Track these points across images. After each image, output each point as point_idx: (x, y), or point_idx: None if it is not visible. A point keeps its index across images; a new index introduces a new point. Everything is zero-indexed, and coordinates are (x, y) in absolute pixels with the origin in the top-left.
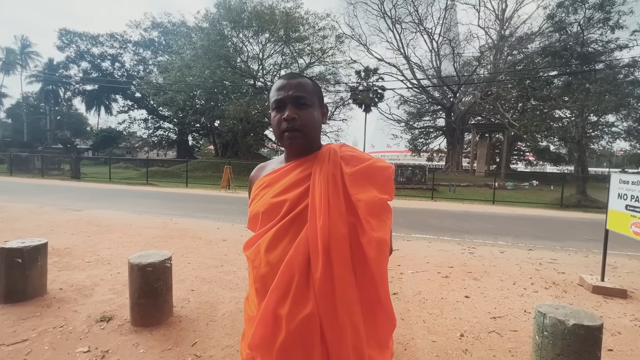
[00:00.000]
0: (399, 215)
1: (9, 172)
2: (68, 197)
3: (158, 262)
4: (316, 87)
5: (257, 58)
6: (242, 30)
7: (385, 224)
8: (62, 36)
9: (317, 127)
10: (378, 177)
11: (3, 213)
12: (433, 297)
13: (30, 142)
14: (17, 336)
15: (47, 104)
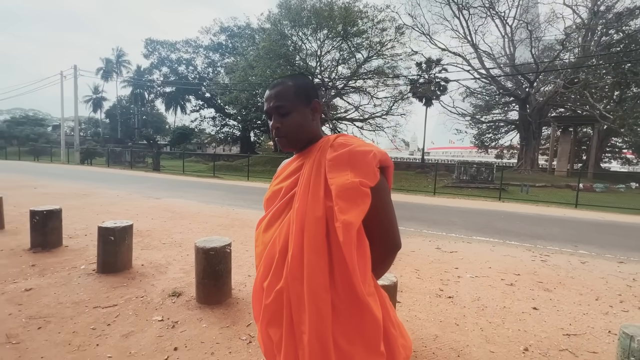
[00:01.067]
0: (457, 216)
1: (106, 164)
2: (150, 186)
3: (219, 247)
4: (301, 86)
5: (315, 55)
6: (301, 29)
7: (356, 208)
8: (147, 45)
9: (302, 128)
10: (357, 161)
11: (102, 198)
12: (494, 305)
13: (123, 139)
14: (109, 301)
15: (136, 105)
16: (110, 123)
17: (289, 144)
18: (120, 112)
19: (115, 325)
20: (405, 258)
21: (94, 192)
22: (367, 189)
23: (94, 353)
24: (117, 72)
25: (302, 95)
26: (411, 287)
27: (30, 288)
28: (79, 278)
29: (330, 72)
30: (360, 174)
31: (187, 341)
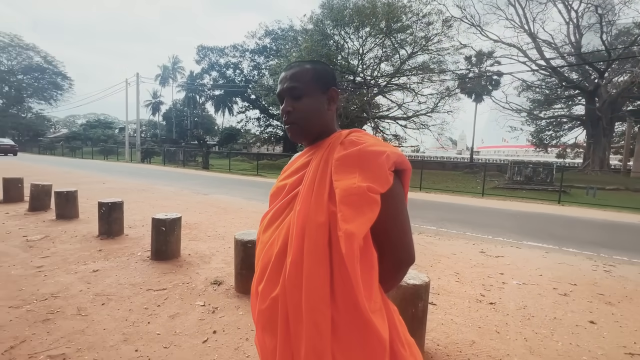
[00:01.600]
0: (507, 219)
1: (163, 163)
2: (199, 183)
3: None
4: (319, 71)
5: (357, 53)
6: (343, 28)
7: (361, 216)
8: (199, 52)
9: (316, 116)
10: (367, 162)
11: (157, 193)
12: (542, 315)
13: (177, 139)
14: (160, 285)
15: (188, 108)
16: (166, 125)
17: (300, 132)
18: (175, 115)
19: (164, 306)
20: (444, 260)
21: (151, 188)
22: (375, 195)
23: (146, 329)
24: (173, 77)
25: (320, 80)
26: (449, 290)
27: (97, 269)
28: (136, 263)
29: (372, 70)
30: (369, 178)
31: (225, 326)
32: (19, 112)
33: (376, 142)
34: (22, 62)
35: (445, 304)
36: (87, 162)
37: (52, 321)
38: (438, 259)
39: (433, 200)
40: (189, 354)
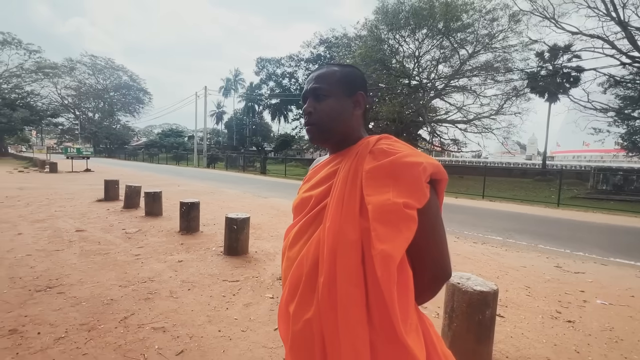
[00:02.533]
0: (589, 232)
1: (225, 168)
2: (259, 187)
3: None
4: (346, 74)
5: (413, 56)
6: (398, 31)
7: (398, 235)
8: (258, 63)
9: (338, 118)
10: (402, 175)
11: (224, 196)
12: (634, 340)
13: (237, 146)
14: (233, 277)
15: (247, 116)
16: (227, 133)
17: (320, 134)
18: (235, 123)
19: (239, 296)
20: (512, 273)
21: (218, 191)
22: (412, 211)
23: (225, 314)
24: (234, 89)
25: (346, 83)
26: (519, 303)
27: (181, 260)
28: (212, 257)
29: (429, 73)
30: (405, 193)
31: None
32: (110, 124)
33: (411, 151)
34: (113, 81)
35: (515, 317)
36: (163, 167)
37: (152, 300)
38: (505, 270)
39: (498, 209)
40: (264, 338)
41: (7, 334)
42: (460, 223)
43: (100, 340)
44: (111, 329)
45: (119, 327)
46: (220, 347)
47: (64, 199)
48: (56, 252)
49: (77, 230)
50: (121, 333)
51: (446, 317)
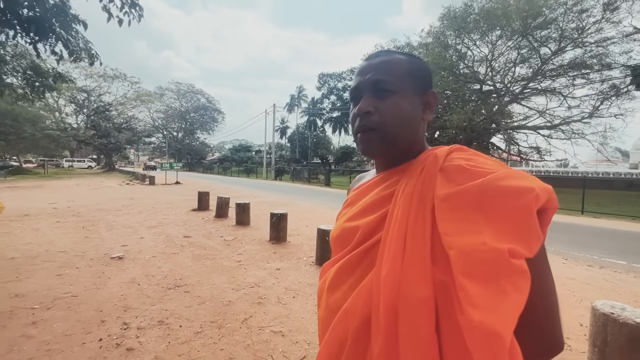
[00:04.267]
0: None
1: (291, 180)
2: (327, 199)
3: None
4: (415, 66)
5: (485, 60)
6: (467, 35)
7: (504, 300)
8: (320, 79)
9: (407, 124)
10: (500, 207)
11: (298, 207)
12: None
13: (299, 159)
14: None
15: (309, 130)
16: (290, 146)
17: (383, 143)
18: (297, 137)
19: None
20: None
21: (292, 202)
22: (522, 262)
23: None
24: (298, 105)
25: (417, 77)
26: None
27: (279, 268)
28: (305, 266)
29: (503, 76)
30: (508, 234)
31: None
32: (191, 142)
33: (506, 170)
34: (193, 103)
35: None
36: (235, 179)
37: (264, 304)
38: (638, 299)
39: (605, 227)
40: None
41: (157, 324)
42: (565, 243)
43: (230, 337)
44: (236, 329)
45: (242, 328)
46: None
47: (165, 208)
48: (174, 255)
49: (184, 236)
50: (246, 333)
51: (595, 351)
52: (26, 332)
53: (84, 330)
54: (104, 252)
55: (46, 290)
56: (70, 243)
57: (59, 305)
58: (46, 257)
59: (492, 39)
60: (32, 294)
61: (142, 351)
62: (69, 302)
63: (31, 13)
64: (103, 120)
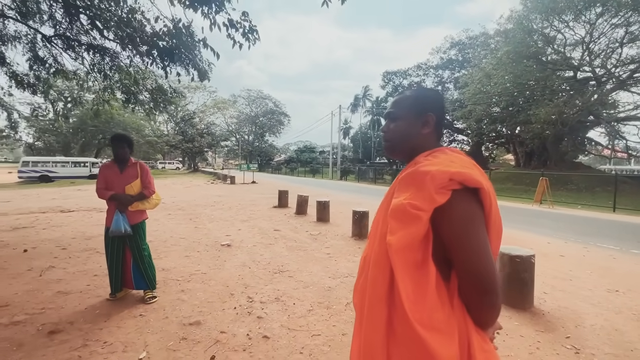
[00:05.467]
0: None
1: (356, 180)
2: None
3: (525, 256)
4: (418, 97)
5: (581, 43)
6: (557, 17)
7: (403, 229)
8: (384, 77)
9: (406, 137)
10: (416, 182)
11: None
12: None
13: (362, 159)
14: None
15: (373, 130)
16: (353, 146)
17: (391, 150)
18: (360, 137)
19: None
20: None
21: (363, 202)
22: (417, 211)
23: None
24: (362, 105)
25: (417, 106)
26: None
27: None
28: None
29: (605, 60)
30: (415, 196)
31: (505, 330)
32: (260, 144)
33: (437, 162)
34: (262, 108)
35: None
36: (303, 179)
37: None
38: None
39: None
40: None
41: (274, 300)
42: None
43: (339, 317)
44: (342, 310)
45: (347, 310)
46: None
47: (250, 205)
48: (270, 245)
49: (274, 229)
50: (351, 315)
51: None
52: (180, 297)
53: (220, 299)
54: (214, 240)
55: (182, 267)
56: (186, 231)
57: (195, 279)
58: (172, 242)
59: (590, 18)
60: (172, 269)
61: (269, 320)
62: (201, 277)
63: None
64: (189, 127)
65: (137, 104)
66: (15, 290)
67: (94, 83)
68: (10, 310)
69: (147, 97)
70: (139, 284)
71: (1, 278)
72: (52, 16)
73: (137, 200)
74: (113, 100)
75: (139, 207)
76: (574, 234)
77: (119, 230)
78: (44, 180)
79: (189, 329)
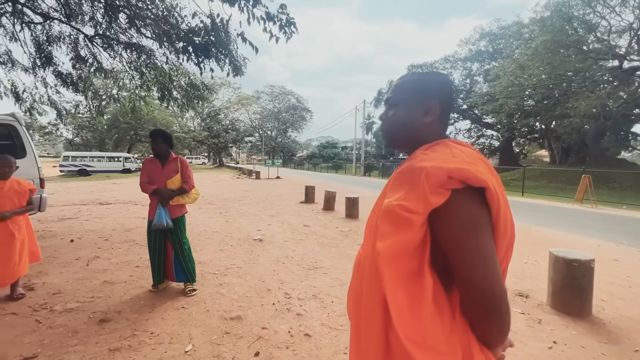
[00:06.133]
0: None
1: (381, 176)
2: None
3: (584, 260)
4: (421, 82)
5: (629, 29)
6: (600, 2)
7: (394, 234)
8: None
9: (404, 126)
10: (411, 181)
11: None
12: None
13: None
14: None
15: None
16: (375, 142)
17: (390, 141)
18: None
19: None
20: None
21: None
22: (410, 215)
23: None
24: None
25: (419, 91)
26: None
27: None
28: None
29: None
30: (407, 197)
31: (563, 339)
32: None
33: (435, 157)
34: (285, 104)
35: None
36: (326, 175)
37: None
38: None
39: None
40: (539, 353)
41: (311, 297)
42: None
43: None
44: None
45: None
46: None
47: (277, 200)
48: (301, 241)
49: (304, 225)
50: None
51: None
52: (219, 291)
53: (258, 295)
54: (246, 234)
55: (217, 261)
56: (217, 225)
57: (231, 273)
58: (205, 235)
59: (639, 2)
60: (209, 262)
61: (309, 317)
62: (237, 271)
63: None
64: (214, 122)
65: (171, 100)
66: (66, 278)
67: (131, 81)
68: (63, 297)
69: (181, 93)
70: (180, 276)
71: (53, 266)
72: (93, 17)
73: (178, 195)
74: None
75: (179, 202)
76: (626, 236)
77: (162, 224)
78: (82, 174)
79: (230, 324)
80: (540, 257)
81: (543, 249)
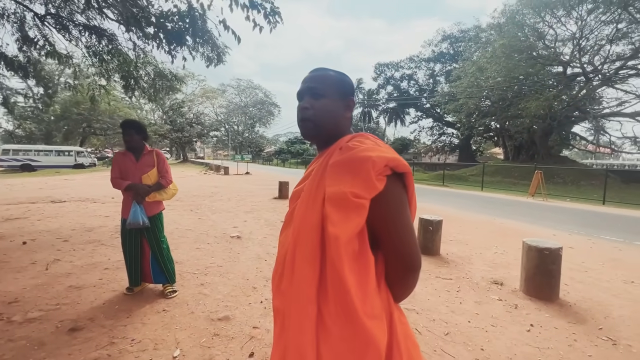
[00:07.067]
0: None
1: None
2: None
3: (554, 249)
4: (342, 80)
5: (572, 39)
6: (549, 12)
7: (347, 221)
8: (376, 69)
9: (332, 116)
10: (354, 169)
11: None
12: None
13: None
14: (444, 275)
15: (363, 122)
16: None
17: (314, 129)
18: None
19: (463, 293)
20: None
21: None
22: (361, 200)
23: (461, 307)
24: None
25: (341, 87)
26: None
27: None
28: None
29: (592, 56)
30: (355, 184)
31: (538, 322)
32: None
33: (370, 147)
34: (252, 98)
35: None
36: (295, 170)
37: None
38: None
39: None
40: (519, 336)
41: None
42: None
43: None
44: None
45: None
46: (481, 337)
47: (249, 196)
48: None
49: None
50: None
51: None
52: (201, 291)
53: (244, 293)
54: (222, 232)
55: (195, 260)
56: (190, 223)
57: (212, 272)
58: (178, 233)
59: (581, 14)
60: (186, 261)
61: None
62: (218, 270)
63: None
64: (178, 116)
65: (137, 90)
66: (22, 284)
67: (89, 68)
68: (22, 306)
69: (149, 83)
70: (158, 278)
71: (5, 272)
72: None
73: (154, 191)
74: (109, 86)
75: (156, 198)
76: (575, 225)
77: (137, 222)
78: (26, 169)
79: (219, 325)
80: (508, 246)
81: (509, 240)
